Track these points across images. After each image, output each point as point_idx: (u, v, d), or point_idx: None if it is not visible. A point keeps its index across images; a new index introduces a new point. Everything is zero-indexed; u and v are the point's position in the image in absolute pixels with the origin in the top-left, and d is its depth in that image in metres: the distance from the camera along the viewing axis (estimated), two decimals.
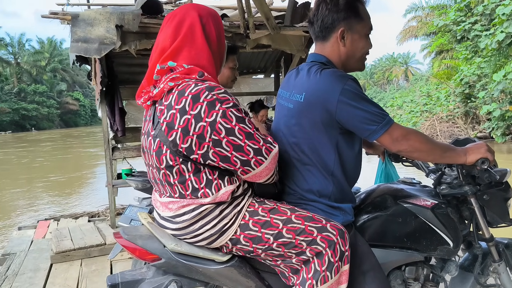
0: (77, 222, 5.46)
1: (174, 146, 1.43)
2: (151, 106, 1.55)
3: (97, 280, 3.66)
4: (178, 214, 1.52)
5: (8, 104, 56.48)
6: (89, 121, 74.15)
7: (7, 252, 4.51)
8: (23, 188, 12.49)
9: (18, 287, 3.62)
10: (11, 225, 7.68)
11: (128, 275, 1.69)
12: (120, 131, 4.79)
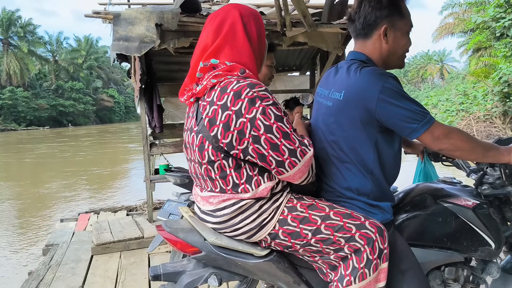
0: (116, 216, 5.63)
1: (216, 142, 1.46)
2: (194, 103, 1.60)
3: (136, 272, 3.78)
4: (218, 208, 1.56)
5: (46, 101, 58.44)
6: (123, 118, 75.74)
7: (51, 243, 4.70)
8: (67, 180, 12.98)
9: (61, 276, 3.77)
10: (53, 216, 8.01)
11: (170, 267, 1.74)
12: (158, 127, 4.90)
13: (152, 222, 5.00)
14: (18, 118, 54.23)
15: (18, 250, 6.10)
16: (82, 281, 3.64)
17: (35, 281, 3.69)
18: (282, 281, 1.68)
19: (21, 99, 53.97)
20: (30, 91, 56.92)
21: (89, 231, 5.02)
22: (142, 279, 3.61)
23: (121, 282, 3.58)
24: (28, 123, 54.83)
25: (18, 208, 9.26)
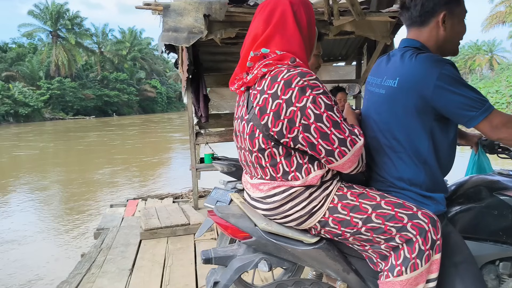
0: (162, 203, 5.81)
1: (266, 130, 1.47)
2: (245, 92, 1.61)
3: (182, 257, 3.89)
4: (268, 195, 1.58)
5: (92, 91, 60.38)
6: (165, 108, 77.17)
7: (101, 227, 4.92)
8: (117, 167, 13.71)
9: (111, 259, 3.95)
10: (104, 201, 8.44)
11: (221, 251, 1.78)
12: (204, 117, 4.99)
13: (197, 209, 5.12)
14: (66, 108, 56.37)
15: (71, 233, 6.49)
16: (132, 264, 3.80)
17: (88, 262, 3.88)
18: (331, 269, 1.68)
19: (69, 89, 56.01)
20: (77, 82, 58.91)
21: (137, 217, 5.21)
22: (188, 264, 3.72)
23: (169, 266, 3.70)
24: (75, 112, 56.90)
25: (72, 193, 9.82)
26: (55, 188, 10.67)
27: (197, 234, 3.16)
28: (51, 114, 53.80)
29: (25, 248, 5.88)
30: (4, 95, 47.33)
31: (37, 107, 50.72)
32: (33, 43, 62.36)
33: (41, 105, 51.58)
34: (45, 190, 10.44)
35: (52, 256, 5.53)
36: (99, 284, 3.40)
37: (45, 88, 53.56)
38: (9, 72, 53.66)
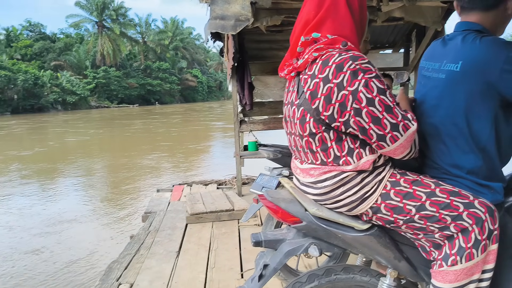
0: (207, 189, 5.93)
1: (317, 114, 1.47)
2: (295, 77, 1.61)
3: (227, 242, 3.97)
4: (319, 180, 1.57)
5: (136, 80, 61.97)
6: (205, 97, 78.12)
7: (149, 211, 5.08)
8: (164, 153, 14.26)
9: (159, 241, 4.08)
10: (151, 186, 8.80)
11: (270, 234, 1.79)
12: (249, 105, 5.02)
13: (241, 196, 5.19)
14: (110, 96, 58.18)
15: (120, 215, 6.86)
16: (179, 246, 3.92)
17: (137, 244, 4.03)
18: (382, 256, 1.67)
19: (114, 78, 57.72)
20: (121, 71, 60.58)
21: (183, 202, 5.35)
22: (233, 249, 3.80)
23: (214, 250, 3.79)
24: (119, 101, 58.65)
25: (122, 178, 10.33)
26: (105, 172, 11.32)
27: (243, 219, 3.22)
28: (97, 102, 55.71)
29: (79, 228, 6.33)
30: (53, 83, 49.41)
31: (83, 96, 52.64)
32: (80, 33, 64.58)
33: (87, 93, 53.50)
34: (96, 174, 11.09)
35: (103, 236, 5.89)
36: (147, 264, 3.53)
37: (91, 77, 55.48)
38: (57, 62, 55.86)
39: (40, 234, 6.09)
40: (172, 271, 3.39)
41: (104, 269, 3.57)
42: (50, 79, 49.27)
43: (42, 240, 5.81)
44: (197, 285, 3.11)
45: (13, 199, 8.44)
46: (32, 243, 5.72)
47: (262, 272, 1.73)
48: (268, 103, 5.73)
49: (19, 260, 5.09)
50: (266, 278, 1.71)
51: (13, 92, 45.28)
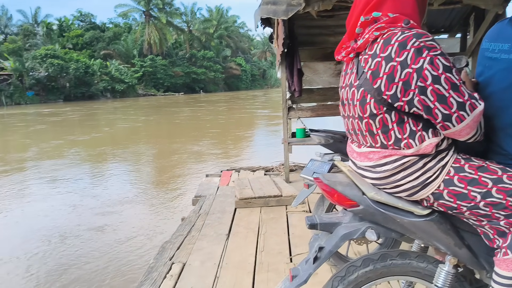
0: (254, 175, 6.00)
1: (379, 94, 1.44)
2: (354, 59, 1.58)
3: (275, 227, 4.02)
4: (378, 164, 1.55)
5: (181, 68, 63.17)
6: (249, 85, 78.46)
7: (199, 195, 5.22)
8: (213, 140, 14.68)
9: (209, 224, 4.19)
10: (201, 171, 9.10)
11: (326, 217, 1.78)
12: (297, 91, 5.01)
13: (288, 182, 5.22)
14: (157, 84, 59.67)
15: (172, 198, 7.21)
16: (228, 229, 4.00)
17: (188, 226, 4.15)
18: (442, 242, 1.63)
19: (160, 66, 59.14)
20: (167, 60, 61.92)
21: (232, 187, 5.45)
22: (281, 233, 3.84)
23: (263, 234, 3.84)
24: (165, 89, 60.07)
25: (173, 163, 10.77)
26: (158, 157, 11.82)
27: (293, 204, 3.23)
28: (144, 90, 57.29)
29: (136, 209, 6.74)
30: (102, 72, 51.23)
31: (131, 84, 54.27)
32: (128, 23, 66.48)
33: (135, 81, 55.11)
34: (150, 159, 11.67)
35: (155, 217, 6.21)
36: (199, 245, 3.64)
37: (138, 66, 57.05)
38: (106, 51, 57.76)
39: (102, 213, 6.56)
40: (223, 252, 3.47)
41: (158, 249, 3.71)
42: (99, 68, 51.14)
43: (104, 218, 6.25)
44: (247, 267, 3.17)
45: (75, 180, 9.08)
46: (95, 220, 6.16)
47: (317, 254, 1.73)
48: (317, 90, 5.69)
49: (85, 236, 5.52)
50: (321, 261, 1.72)
51: (65, 80, 47.45)
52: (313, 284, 2.67)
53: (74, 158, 11.95)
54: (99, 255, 4.85)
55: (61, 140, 16.03)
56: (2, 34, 56.93)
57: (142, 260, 4.64)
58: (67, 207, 6.92)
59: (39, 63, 45.94)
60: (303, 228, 3.92)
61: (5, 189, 8.31)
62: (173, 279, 3.00)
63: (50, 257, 4.86)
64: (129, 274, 4.36)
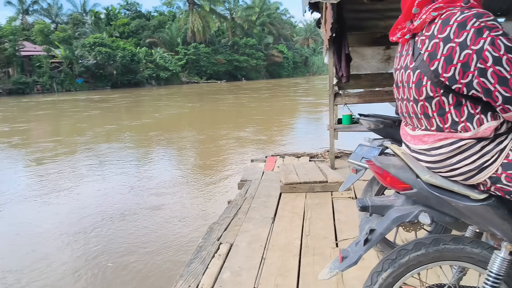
0: (299, 161, 6.02)
1: (436, 77, 1.41)
2: (409, 40, 1.56)
3: (321, 212, 4.04)
4: (434, 147, 1.53)
5: (223, 56, 63.58)
6: (291, 73, 77.95)
7: (244, 179, 5.31)
8: (259, 126, 15.00)
9: (255, 207, 4.26)
10: (246, 156, 9.44)
11: (377, 200, 1.77)
12: (345, 77, 4.95)
13: (333, 169, 5.20)
14: (200, 72, 60.42)
15: (219, 182, 7.51)
16: (274, 213, 4.06)
17: (234, 208, 4.24)
18: (498, 228, 1.60)
19: (203, 54, 59.78)
20: (210, 47, 62.45)
21: (276, 172, 5.51)
22: (327, 219, 3.85)
23: (308, 218, 3.87)
24: (208, 76, 60.74)
25: (220, 147, 11.17)
26: (206, 143, 12.19)
27: (340, 188, 3.23)
28: (187, 78, 58.19)
29: (186, 191, 7.10)
30: (147, 60, 52.40)
31: (175, 71, 55.26)
32: (172, 11, 67.50)
33: (178, 69, 56.05)
34: (198, 144, 12.10)
35: (204, 199, 6.49)
36: (245, 228, 3.72)
37: (182, 54, 57.94)
38: (151, 39, 58.97)
39: (157, 193, 6.94)
40: (268, 235, 3.53)
41: (206, 229, 3.83)
42: (145, 56, 52.34)
43: (159, 199, 6.63)
44: (292, 250, 3.22)
45: (130, 163, 9.65)
46: (151, 200, 6.54)
47: (367, 236, 1.73)
48: (364, 76, 5.60)
49: (143, 214, 5.90)
50: (372, 243, 1.72)
51: (112, 68, 48.96)
52: (360, 268, 2.68)
53: (128, 142, 12.59)
54: (155, 232, 5.19)
55: (114, 125, 16.92)
56: (53, 23, 59.21)
57: (192, 235, 4.94)
58: (124, 188, 7.36)
59: (87, 51, 47.57)
60: (348, 214, 3.92)
61: (67, 170, 8.88)
62: (221, 259, 3.10)
63: (111, 233, 5.23)
64: (179, 253, 4.58)
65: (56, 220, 5.77)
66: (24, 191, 7.37)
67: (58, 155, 10.82)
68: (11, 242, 5.09)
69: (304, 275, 2.82)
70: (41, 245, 4.93)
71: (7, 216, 6.08)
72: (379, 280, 1.67)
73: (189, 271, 2.91)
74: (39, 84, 44.42)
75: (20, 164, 9.90)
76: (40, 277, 4.18)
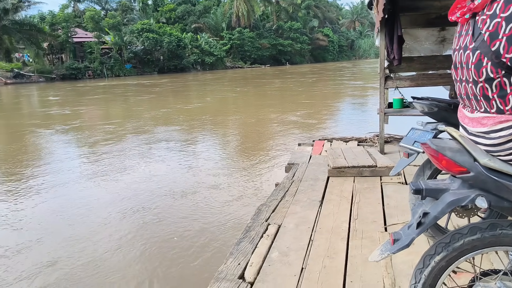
0: (347, 145, 5.98)
1: (497, 57, 1.37)
2: (469, 20, 1.52)
3: (370, 196, 4.00)
4: (493, 129, 1.49)
5: (268, 40, 63.29)
6: (336, 57, 76.65)
7: (292, 162, 5.33)
8: (306, 110, 15.06)
9: (303, 190, 4.28)
10: (293, 139, 9.51)
11: (432, 183, 1.74)
12: (397, 59, 4.82)
13: (383, 153, 5.12)
14: (244, 57, 60.55)
15: (266, 164, 7.65)
16: (321, 196, 4.07)
17: (282, 191, 4.28)
18: None
19: (247, 39, 59.77)
20: (254, 32, 62.28)
21: (324, 156, 5.49)
22: (376, 203, 3.82)
23: (356, 203, 3.85)
24: (252, 61, 60.79)
25: (270, 131, 11.35)
26: (256, 126, 12.46)
27: (391, 172, 3.19)
28: (231, 63, 58.49)
29: (235, 173, 7.32)
30: (193, 45, 53.00)
31: (220, 56, 55.66)
32: None
33: (223, 54, 56.39)
34: (249, 127, 12.43)
35: (251, 181, 6.65)
36: (292, 210, 3.75)
37: (227, 39, 58.17)
38: (197, 24, 59.52)
39: (214, 174, 7.19)
40: (316, 218, 3.55)
41: (254, 210, 3.90)
42: (190, 41, 52.98)
43: (216, 179, 6.90)
44: (341, 233, 3.22)
45: (187, 144, 10.03)
46: (209, 180, 6.82)
47: (421, 220, 1.72)
48: (417, 58, 5.42)
49: (202, 192, 6.21)
50: (425, 226, 1.70)
51: (159, 53, 49.95)
52: (409, 253, 2.68)
53: (183, 125, 13.01)
54: (211, 209, 5.46)
55: (168, 108, 17.57)
56: (103, 10, 60.99)
57: (241, 215, 5.14)
58: (183, 168, 7.72)
59: (136, 37, 48.71)
60: (398, 199, 3.87)
61: (128, 151, 9.35)
62: (270, 239, 3.15)
63: (174, 208, 5.57)
64: (230, 230, 4.79)
65: (123, 196, 6.17)
66: (91, 169, 7.86)
67: (119, 136, 11.40)
68: (81, 213, 5.51)
69: (352, 257, 2.83)
70: (112, 218, 5.31)
71: (88, 190, 6.60)
72: (432, 263, 1.66)
73: (239, 250, 2.99)
74: (90, 70, 46.09)
75: (85, 145, 10.42)
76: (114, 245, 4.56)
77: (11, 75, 41.32)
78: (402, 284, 2.43)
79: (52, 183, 6.94)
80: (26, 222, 5.27)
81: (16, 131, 13.04)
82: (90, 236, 4.76)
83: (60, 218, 5.38)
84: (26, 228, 5.08)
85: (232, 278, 2.61)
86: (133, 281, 3.85)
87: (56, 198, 6.18)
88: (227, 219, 5.09)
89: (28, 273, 4.02)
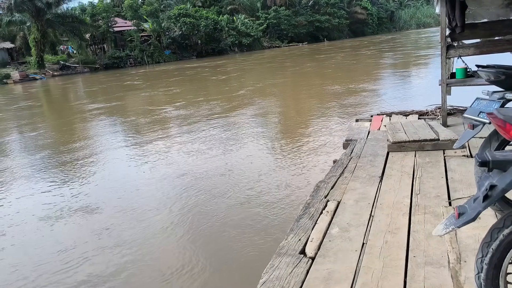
0: (407, 119, 5.80)
1: None
2: None
3: (432, 171, 3.88)
4: None
5: (304, 17, 61.96)
6: (375, 30, 73.71)
7: (349, 138, 5.27)
8: (362, 84, 14.97)
9: (361, 166, 4.23)
10: (350, 115, 9.55)
11: (499, 155, 1.68)
12: (459, 27, 4.56)
13: (446, 126, 4.92)
14: (281, 36, 59.77)
15: (324, 140, 7.68)
16: (381, 172, 4.00)
17: (340, 168, 4.26)
18: None
19: (284, 17, 58.86)
20: (290, 9, 61.07)
21: (383, 131, 5.36)
22: (439, 178, 3.70)
23: (418, 177, 3.75)
24: (289, 40, 59.95)
25: (324, 106, 11.47)
26: (315, 102, 12.66)
27: (455, 145, 3.08)
28: (268, 43, 58.06)
29: (294, 150, 7.45)
30: (230, 27, 53.01)
31: (256, 37, 55.46)
32: None
33: (260, 34, 56.08)
34: (308, 102, 12.81)
35: (309, 159, 6.70)
36: (352, 186, 3.73)
37: (263, 18, 57.71)
38: (232, 6, 59.27)
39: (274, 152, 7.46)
40: (376, 193, 3.51)
41: (313, 187, 3.91)
42: (227, 23, 52.97)
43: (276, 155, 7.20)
44: (402, 208, 3.17)
45: (263, 124, 10.33)
46: (269, 156, 7.17)
47: (487, 193, 1.67)
48: (481, 24, 5.10)
49: (265, 169, 6.43)
50: (492, 199, 1.66)
51: (197, 38, 50.49)
52: (475, 227, 2.61)
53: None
54: (270, 184, 5.72)
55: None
56: None
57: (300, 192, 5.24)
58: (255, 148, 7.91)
59: (173, 22, 49.14)
60: (463, 172, 3.73)
61: (201, 132, 9.82)
62: (329, 215, 3.17)
63: (234, 190, 5.71)
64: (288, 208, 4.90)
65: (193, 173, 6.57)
66: (173, 147, 8.56)
67: (195, 113, 12.26)
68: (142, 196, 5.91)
69: (415, 232, 2.78)
70: (179, 196, 5.65)
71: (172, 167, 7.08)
72: (500, 236, 1.62)
73: (299, 226, 3.03)
74: (131, 58, 47.22)
75: (157, 127, 11.06)
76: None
77: (58, 67, 43.06)
78: (468, 259, 2.37)
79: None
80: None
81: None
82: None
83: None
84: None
85: (294, 253, 2.66)
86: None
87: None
88: (286, 195, 5.21)
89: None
